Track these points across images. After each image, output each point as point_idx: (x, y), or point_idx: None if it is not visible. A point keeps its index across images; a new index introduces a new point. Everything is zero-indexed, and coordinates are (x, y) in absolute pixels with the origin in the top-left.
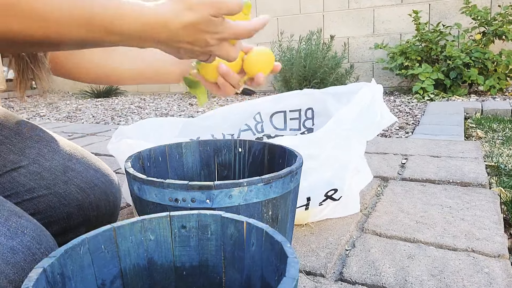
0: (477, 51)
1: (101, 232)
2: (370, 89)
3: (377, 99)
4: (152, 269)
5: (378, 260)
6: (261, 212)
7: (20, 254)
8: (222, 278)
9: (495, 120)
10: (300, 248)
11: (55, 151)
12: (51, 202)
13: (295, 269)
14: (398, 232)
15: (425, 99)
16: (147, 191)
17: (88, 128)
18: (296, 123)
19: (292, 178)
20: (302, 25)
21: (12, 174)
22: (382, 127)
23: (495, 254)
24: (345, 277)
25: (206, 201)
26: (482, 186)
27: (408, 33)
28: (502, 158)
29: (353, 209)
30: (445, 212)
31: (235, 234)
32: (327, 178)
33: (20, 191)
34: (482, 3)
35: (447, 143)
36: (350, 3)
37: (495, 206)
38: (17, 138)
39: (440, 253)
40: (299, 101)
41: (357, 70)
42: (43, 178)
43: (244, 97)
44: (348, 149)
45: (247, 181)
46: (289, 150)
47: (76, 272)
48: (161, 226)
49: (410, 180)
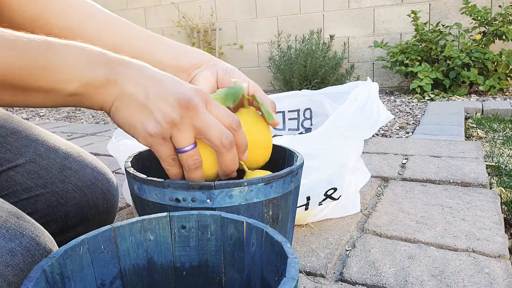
0: (477, 51)
1: (100, 232)
2: (366, 87)
3: (373, 97)
4: (152, 269)
5: (378, 260)
6: (261, 212)
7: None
8: (222, 278)
9: (495, 120)
10: (300, 248)
11: (52, 150)
12: (49, 201)
13: (295, 269)
14: (398, 232)
15: (425, 99)
16: (147, 190)
17: (88, 128)
18: (295, 123)
19: (292, 178)
20: (302, 25)
21: (9, 173)
22: (379, 125)
23: (495, 254)
24: (345, 278)
25: (206, 200)
26: (482, 186)
27: (408, 33)
28: (502, 158)
29: (353, 209)
30: (445, 212)
31: (235, 234)
32: (326, 177)
33: (17, 190)
34: (482, 3)
35: (447, 143)
36: (350, 3)
37: (496, 206)
38: (13, 137)
39: (441, 253)
40: (297, 101)
41: (357, 70)
42: (40, 177)
43: None
44: (347, 147)
45: (247, 181)
46: (290, 150)
47: (75, 272)
48: (161, 226)
49: (411, 180)
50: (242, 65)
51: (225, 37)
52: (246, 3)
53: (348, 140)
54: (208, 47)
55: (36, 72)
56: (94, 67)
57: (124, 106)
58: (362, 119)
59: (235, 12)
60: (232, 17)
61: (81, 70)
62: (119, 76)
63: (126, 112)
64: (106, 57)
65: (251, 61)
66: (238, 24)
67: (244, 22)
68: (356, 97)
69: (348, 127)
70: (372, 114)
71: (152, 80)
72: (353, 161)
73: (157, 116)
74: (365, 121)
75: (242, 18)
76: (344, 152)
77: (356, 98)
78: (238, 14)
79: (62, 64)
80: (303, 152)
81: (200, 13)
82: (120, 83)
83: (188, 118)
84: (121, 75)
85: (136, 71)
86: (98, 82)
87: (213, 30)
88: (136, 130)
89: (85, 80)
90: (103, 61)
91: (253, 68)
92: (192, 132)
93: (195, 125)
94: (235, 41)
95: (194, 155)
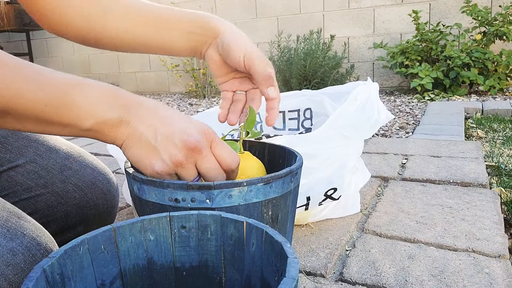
0: (478, 51)
1: (100, 233)
2: (366, 87)
3: (373, 97)
4: (152, 270)
5: (378, 260)
6: (261, 212)
7: (20, 255)
8: (222, 279)
9: (495, 120)
10: (300, 248)
11: (52, 150)
12: (49, 201)
13: (295, 269)
14: (398, 232)
15: (425, 99)
16: (147, 191)
17: None
18: (295, 123)
19: (292, 178)
20: (302, 24)
21: (10, 173)
22: (380, 125)
23: (495, 254)
24: (345, 277)
25: (206, 201)
26: (482, 186)
27: (409, 33)
28: (502, 158)
29: (353, 209)
30: (445, 212)
31: (235, 234)
32: (327, 177)
33: (18, 190)
34: (483, 3)
35: (447, 143)
36: (350, 3)
37: (496, 206)
38: (13, 137)
39: (441, 253)
40: (297, 101)
41: (357, 70)
42: (41, 177)
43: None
44: (347, 147)
45: (247, 181)
46: (289, 150)
47: (75, 273)
48: (161, 226)
49: (411, 180)
50: None
51: None
52: (246, 3)
53: (348, 140)
54: None
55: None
56: (111, 108)
57: (134, 144)
58: (362, 119)
59: (235, 12)
60: (232, 17)
61: (99, 111)
62: (132, 117)
63: (136, 150)
64: (123, 98)
65: None
66: (238, 24)
67: (244, 22)
68: (356, 97)
69: (348, 127)
70: (372, 114)
71: (163, 121)
72: (353, 161)
73: (164, 156)
74: (365, 121)
75: (242, 18)
76: (344, 152)
77: (356, 98)
78: (238, 14)
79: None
80: (303, 152)
81: None
82: (132, 124)
83: (192, 158)
84: (134, 116)
85: (148, 112)
86: (113, 122)
87: None
88: (144, 167)
89: (101, 120)
90: (120, 102)
91: None
92: (195, 168)
93: (197, 164)
94: None
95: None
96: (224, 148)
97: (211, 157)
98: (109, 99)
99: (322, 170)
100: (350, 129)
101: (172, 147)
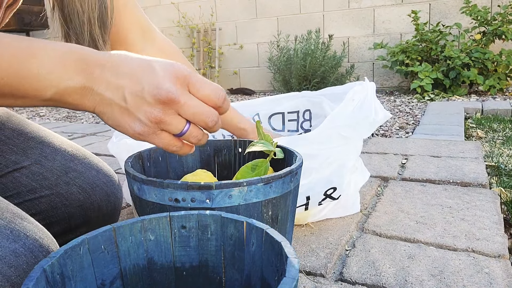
0: (477, 51)
1: (101, 232)
2: (363, 87)
3: (371, 96)
4: (152, 269)
5: (378, 260)
6: (261, 212)
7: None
8: (222, 278)
9: (495, 120)
10: (300, 248)
11: (57, 152)
12: (53, 202)
13: (295, 269)
14: (398, 232)
15: (425, 99)
16: (147, 191)
17: (88, 128)
18: (294, 125)
19: (292, 178)
20: (302, 24)
21: (14, 174)
22: (378, 124)
23: (495, 254)
24: (345, 277)
25: (206, 201)
26: (482, 186)
27: (409, 33)
28: (502, 158)
29: (353, 209)
30: (445, 212)
31: (235, 234)
32: (326, 177)
33: (22, 191)
34: (482, 3)
35: (447, 143)
36: (350, 3)
37: (495, 206)
38: (19, 139)
39: (440, 253)
40: (297, 102)
41: (357, 70)
42: (45, 179)
43: (244, 96)
44: (346, 147)
45: (246, 181)
46: (289, 150)
47: (76, 272)
48: (161, 226)
49: (410, 180)
50: (242, 65)
51: (225, 37)
52: (246, 3)
53: (347, 140)
54: (208, 47)
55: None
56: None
57: (106, 110)
58: (359, 118)
59: (235, 12)
60: (232, 17)
61: (57, 79)
62: (95, 83)
63: (111, 116)
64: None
65: (251, 61)
66: (238, 24)
67: (244, 22)
68: (353, 96)
69: (346, 127)
70: (369, 114)
71: (130, 78)
72: (353, 160)
73: (140, 116)
74: (363, 120)
75: (242, 18)
76: (343, 151)
77: (353, 97)
78: (238, 14)
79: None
80: (302, 152)
81: (200, 13)
82: (97, 90)
83: (171, 110)
84: (98, 80)
85: (112, 72)
86: (74, 89)
87: (213, 30)
88: (126, 131)
89: (61, 89)
90: (81, 66)
91: (253, 68)
92: (179, 117)
93: (180, 114)
94: (235, 41)
95: (193, 132)
96: (205, 86)
97: (192, 101)
98: (68, 65)
99: (322, 170)
100: (348, 128)
101: (145, 105)
